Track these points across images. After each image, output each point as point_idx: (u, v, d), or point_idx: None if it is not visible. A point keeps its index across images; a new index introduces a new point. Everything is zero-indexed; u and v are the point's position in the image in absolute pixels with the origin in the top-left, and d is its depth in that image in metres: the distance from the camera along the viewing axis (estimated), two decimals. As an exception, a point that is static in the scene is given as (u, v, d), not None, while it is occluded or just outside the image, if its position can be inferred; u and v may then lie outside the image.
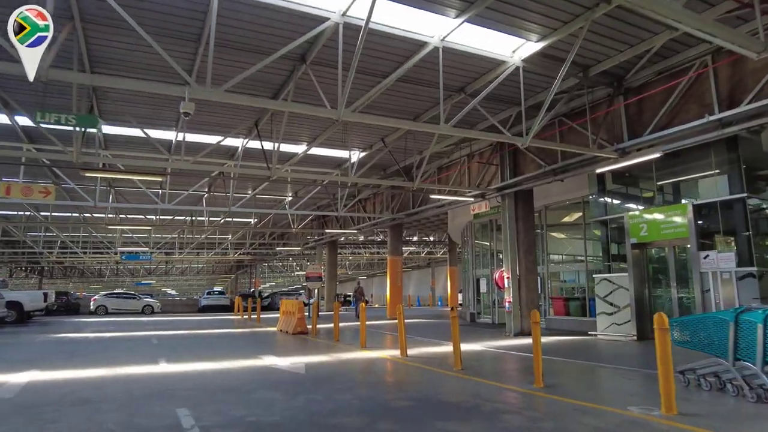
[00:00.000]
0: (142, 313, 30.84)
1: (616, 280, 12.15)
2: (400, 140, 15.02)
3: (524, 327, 13.87)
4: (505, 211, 14.42)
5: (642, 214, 11.67)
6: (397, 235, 21.70)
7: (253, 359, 9.78)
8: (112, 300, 31.22)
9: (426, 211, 18.60)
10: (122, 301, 31.26)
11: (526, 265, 14.23)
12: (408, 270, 58.55)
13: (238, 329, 18.29)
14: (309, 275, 23.52)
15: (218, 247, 35.10)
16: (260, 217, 27.76)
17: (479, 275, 19.55)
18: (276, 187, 20.72)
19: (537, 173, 13.29)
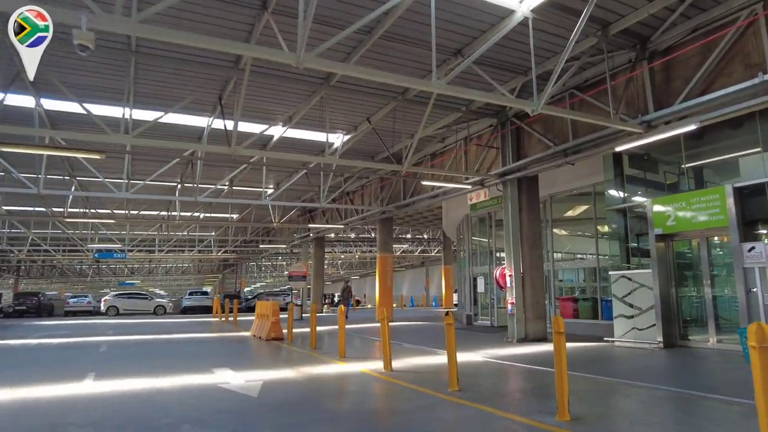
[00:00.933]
0: (154, 313, 29.89)
1: (636, 278, 10.43)
2: (388, 120, 13.24)
3: (529, 332, 12.12)
4: (506, 201, 12.67)
5: (669, 201, 9.95)
6: (387, 230, 19.95)
7: (203, 374, 7.99)
8: (123, 300, 30.53)
9: (418, 202, 16.82)
10: (134, 301, 30.55)
11: (530, 262, 12.48)
12: (401, 269, 56.85)
13: (209, 333, 16.46)
14: (292, 274, 21.83)
15: (199, 244, 33.16)
16: (242, 211, 25.90)
17: (476, 274, 17.81)
18: (255, 177, 18.89)
19: (544, 155, 11.55)
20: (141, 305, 30.64)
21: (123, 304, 30.19)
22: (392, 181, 18.41)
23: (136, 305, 30.46)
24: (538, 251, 12.78)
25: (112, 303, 30.03)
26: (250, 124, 12.67)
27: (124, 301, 30.61)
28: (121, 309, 29.97)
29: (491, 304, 16.88)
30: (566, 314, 14.17)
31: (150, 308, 30.71)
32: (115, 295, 31.87)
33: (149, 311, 30.52)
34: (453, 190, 14.60)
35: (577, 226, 15.89)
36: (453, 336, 6.61)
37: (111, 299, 30.53)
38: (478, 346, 11.22)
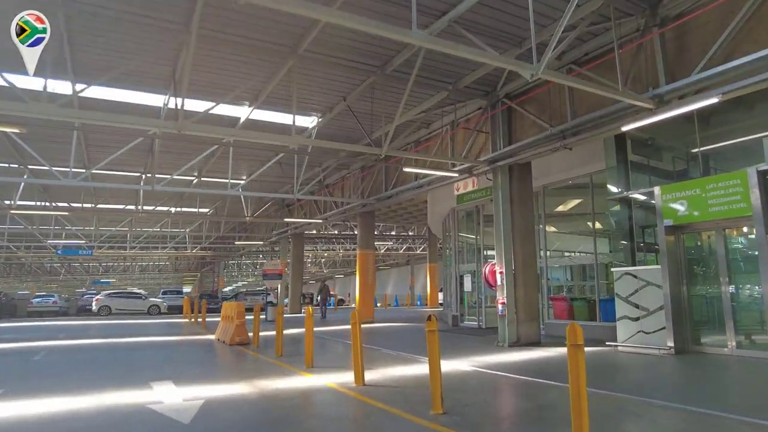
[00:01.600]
0: (148, 313, 28.76)
1: (643, 275, 9.29)
2: (366, 100, 11.94)
3: (521, 335, 10.93)
4: (497, 190, 11.45)
5: (681, 188, 8.81)
6: (368, 225, 18.66)
7: (138, 389, 6.63)
8: (116, 300, 29.47)
9: (401, 194, 15.54)
10: (127, 300, 29.55)
11: (523, 257, 11.29)
12: (386, 268, 55.66)
13: (172, 336, 15.02)
14: (267, 272, 20.44)
15: (171, 241, 31.49)
16: (214, 204, 24.36)
17: (463, 271, 16.61)
18: (225, 167, 17.45)
19: (539, 138, 10.35)
20: (135, 305, 29.49)
21: (116, 304, 29.10)
22: (374, 171, 17.12)
23: (129, 305, 29.33)
24: (531, 246, 11.60)
25: (104, 303, 28.94)
26: (208, 103, 11.25)
27: (117, 301, 29.50)
28: (114, 309, 28.88)
29: (479, 304, 15.71)
30: (560, 315, 13.05)
31: (144, 308, 29.45)
32: (108, 294, 30.59)
33: (143, 311, 29.23)
34: (438, 179, 13.35)
35: (573, 219, 14.78)
36: (436, 346, 5.36)
37: (103, 299, 29.38)
38: (465, 351, 10.00)
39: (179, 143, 14.92)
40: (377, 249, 42.27)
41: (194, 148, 14.75)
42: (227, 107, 12.31)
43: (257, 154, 16.27)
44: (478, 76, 10.84)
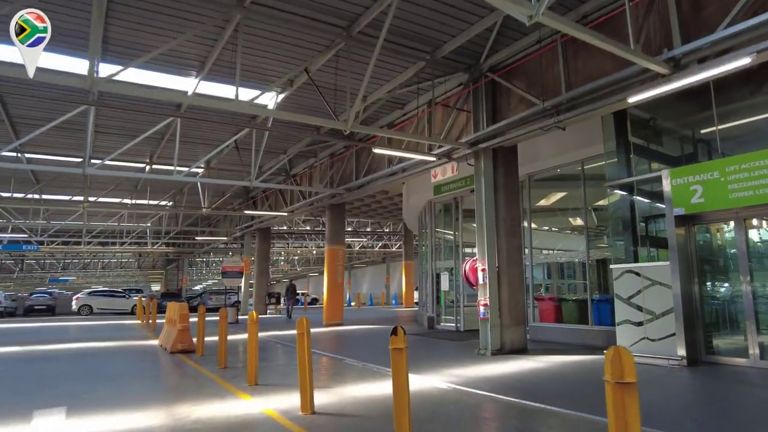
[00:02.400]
0: (131, 313, 27.42)
1: (648, 273, 8.01)
2: (329, 72, 10.40)
3: (506, 341, 9.57)
4: (479, 176, 10.05)
5: (695, 171, 7.52)
6: (338, 218, 17.10)
7: (9, 425, 4.97)
8: (98, 299, 28.08)
9: (373, 182, 14.01)
10: (109, 299, 28.14)
11: (508, 253, 9.92)
12: (361, 266, 54.18)
13: (111, 342, 13.17)
14: (226, 270, 18.66)
15: (128, 236, 29.28)
16: (168, 194, 22.40)
17: (440, 269, 15.22)
18: (183, 154, 15.66)
19: (527, 114, 8.98)
20: (117, 304, 28.14)
21: (97, 303, 27.82)
22: (344, 158, 15.56)
23: (112, 304, 27.98)
24: (518, 241, 10.23)
25: (85, 302, 27.53)
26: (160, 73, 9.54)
27: (99, 300, 28.14)
28: (96, 308, 27.57)
29: (456, 304, 14.35)
30: (546, 317, 11.78)
31: (127, 307, 28.07)
32: (89, 293, 28.97)
33: (126, 310, 27.87)
34: (414, 164, 11.88)
35: (562, 213, 13.52)
36: (404, 374, 3.86)
37: (84, 297, 27.88)
38: (441, 361, 8.56)
39: (117, 121, 13.14)
40: (351, 246, 40.71)
41: (137, 129, 12.98)
42: (170, 78, 10.62)
43: (209, 137, 14.55)
44: (459, 44, 9.41)
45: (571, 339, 10.88)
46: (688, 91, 8.61)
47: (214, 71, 10.29)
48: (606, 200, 12.68)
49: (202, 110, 12.64)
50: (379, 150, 10.00)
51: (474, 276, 10.08)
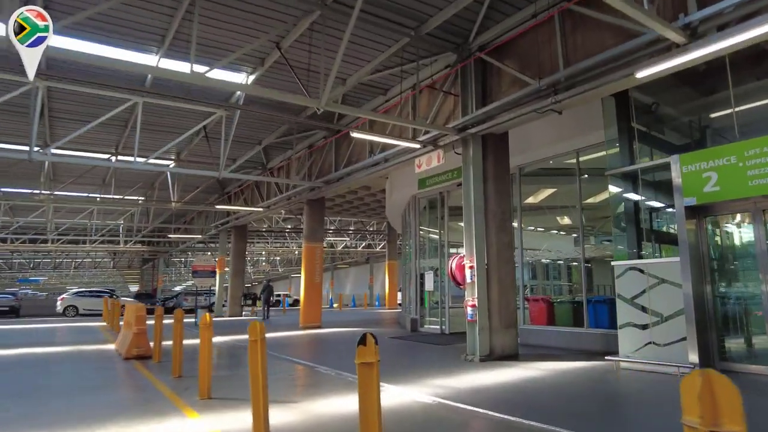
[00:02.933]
0: (121, 315, 24.78)
1: (654, 270, 7.20)
2: (303, 49, 9.45)
3: (495, 346, 8.70)
4: (467, 165, 9.17)
5: (710, 156, 6.72)
6: (317, 214, 16.10)
7: None
8: (84, 300, 26.38)
9: (354, 174, 13.04)
10: (96, 300, 26.35)
11: (498, 250, 9.06)
12: (345, 266, 53.14)
13: (66, 347, 11.99)
14: (196, 269, 17.53)
15: (98, 233, 27.85)
16: (143, 189, 21.16)
17: (424, 268, 14.34)
18: (152, 145, 14.55)
19: (521, 95, 8.13)
20: (102, 304, 26.19)
21: (83, 304, 26.21)
22: (323, 148, 14.58)
23: (99, 304, 26.22)
24: (508, 236, 9.38)
25: (70, 302, 25.92)
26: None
27: (85, 300, 26.49)
28: (82, 309, 26.01)
29: (441, 305, 13.48)
30: (538, 319, 10.95)
31: None
32: (75, 293, 27.25)
33: None
34: (397, 153, 10.97)
35: (554, 210, 12.73)
36: (375, 394, 2.92)
37: (69, 298, 26.24)
38: (423, 369, 7.65)
39: (73, 105, 12.00)
40: (333, 246, 39.68)
41: (96, 114, 11.85)
42: (130, 54, 9.55)
43: (175, 124, 13.45)
44: (445, 18, 8.54)
45: (565, 343, 10.07)
46: (695, 72, 7.88)
47: (176, 47, 9.26)
48: (602, 195, 11.94)
49: (166, 91, 11.58)
50: (358, 134, 9.05)
51: (461, 274, 9.19)
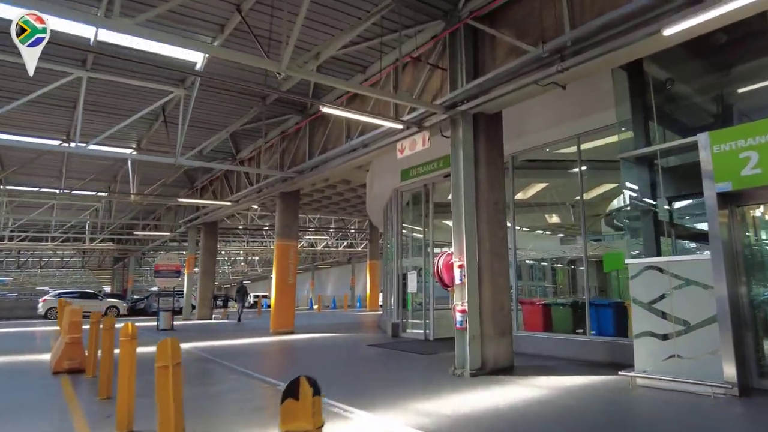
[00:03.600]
0: (105, 315, 22.70)
1: (678, 269, 6.07)
2: (265, 11, 8.12)
3: (488, 358, 7.50)
4: (457, 148, 7.97)
5: (748, 131, 5.59)
6: (290, 208, 14.75)
7: None
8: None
9: (329, 163, 11.73)
10: (80, 302, 24.22)
11: (491, 245, 7.87)
12: (326, 267, 51.77)
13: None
14: (159, 268, 16.04)
15: (57, 230, 26.03)
16: (105, 181, 19.54)
17: (407, 267, 13.11)
18: (94, 128, 13.04)
19: (519, 64, 6.95)
20: (89, 306, 24.36)
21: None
22: (297, 134, 13.26)
23: (83, 306, 23.84)
24: (502, 230, 8.20)
25: (52, 304, 24.37)
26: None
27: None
28: None
29: (425, 307, 12.27)
30: (533, 325, 9.81)
31: (101, 309, 24.10)
32: (58, 294, 25.51)
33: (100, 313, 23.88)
34: (378, 137, 9.70)
35: (553, 204, 11.65)
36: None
37: (51, 299, 24.58)
38: (403, 387, 6.40)
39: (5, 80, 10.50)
40: (314, 245, 38.29)
41: (28, 90, 10.36)
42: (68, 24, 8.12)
43: (127, 106, 12.00)
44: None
45: (563, 352, 8.93)
46: (715, 44, 6.82)
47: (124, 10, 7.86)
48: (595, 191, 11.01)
49: (116, 66, 10.16)
50: (330, 109, 7.74)
51: (449, 274, 7.97)
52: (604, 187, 11.51)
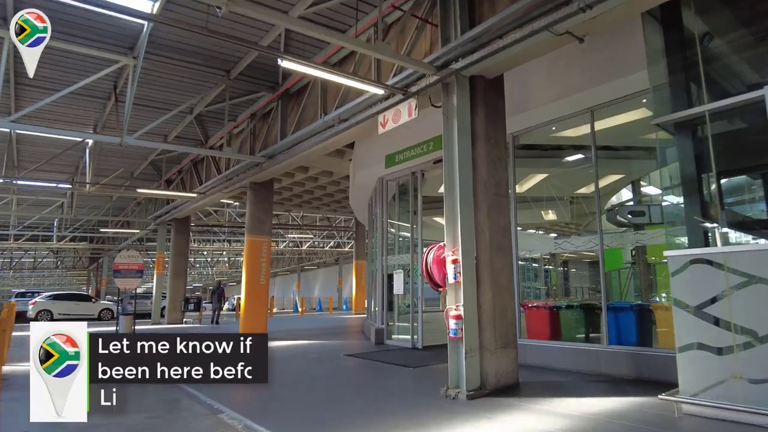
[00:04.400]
0: (99, 318, 23.17)
1: (741, 263, 4.67)
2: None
3: (488, 375, 6.05)
4: (450, 118, 6.52)
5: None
6: (263, 200, 13.19)
7: None
8: (59, 303, 23.37)
9: (304, 143, 10.18)
10: (72, 304, 23.55)
11: (491, 236, 6.43)
12: (313, 267, 50.20)
13: None
14: (119, 267, 14.42)
15: (17, 227, 24.25)
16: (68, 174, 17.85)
17: (393, 266, 11.65)
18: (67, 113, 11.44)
19: (526, 4, 5.51)
20: (82, 309, 23.49)
21: (59, 308, 23.16)
22: (267, 111, 11.75)
23: (76, 309, 23.33)
24: (505, 217, 6.77)
25: (44, 306, 22.98)
26: None
27: (61, 304, 23.44)
28: (57, 313, 22.90)
29: (414, 309, 10.83)
30: (538, 332, 8.39)
31: (94, 312, 23.56)
32: (50, 296, 24.10)
33: (93, 316, 23.25)
34: (357, 109, 8.23)
35: (550, 190, 10.32)
36: None
37: (43, 302, 23.09)
38: (384, 414, 4.95)
39: None
40: (299, 245, 36.78)
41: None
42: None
43: (64, 78, 10.40)
44: None
45: (575, 364, 7.52)
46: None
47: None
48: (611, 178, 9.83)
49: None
50: (290, 63, 6.22)
51: (440, 272, 6.48)
52: (608, 178, 10.36)
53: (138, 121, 11.73)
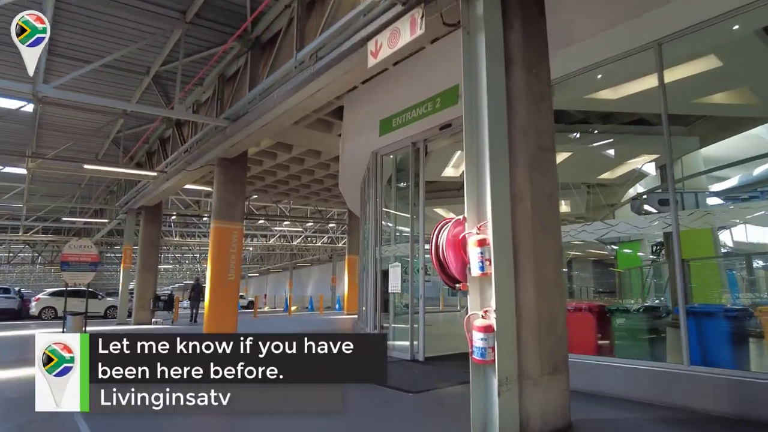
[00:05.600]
0: (104, 316, 22.47)
1: None
2: None
3: (532, 415, 3.94)
4: (475, 34, 4.41)
5: None
6: (233, 180, 10.99)
7: None
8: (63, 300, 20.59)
9: (273, 95, 8.04)
10: (78, 301, 20.95)
11: (533, 205, 4.32)
12: (306, 265, 48.09)
13: None
14: (67, 259, 12.29)
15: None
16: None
17: (388, 258, 9.51)
18: None
19: None
20: (89, 306, 21.32)
21: (63, 305, 21.04)
22: (236, 65, 9.59)
23: (81, 306, 21.20)
24: (550, 182, 4.64)
25: (47, 303, 22.36)
26: None
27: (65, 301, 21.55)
28: (61, 310, 21.13)
29: (414, 311, 8.70)
30: (581, 344, 6.28)
31: (100, 309, 22.63)
32: (53, 293, 23.01)
33: (99, 313, 22.28)
34: (335, 37, 6.08)
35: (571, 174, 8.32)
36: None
37: (46, 298, 22.52)
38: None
39: None
40: (290, 239, 34.65)
41: None
42: None
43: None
44: None
45: (637, 391, 5.43)
46: None
47: None
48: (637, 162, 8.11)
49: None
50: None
51: (459, 259, 4.33)
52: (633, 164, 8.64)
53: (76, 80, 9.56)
